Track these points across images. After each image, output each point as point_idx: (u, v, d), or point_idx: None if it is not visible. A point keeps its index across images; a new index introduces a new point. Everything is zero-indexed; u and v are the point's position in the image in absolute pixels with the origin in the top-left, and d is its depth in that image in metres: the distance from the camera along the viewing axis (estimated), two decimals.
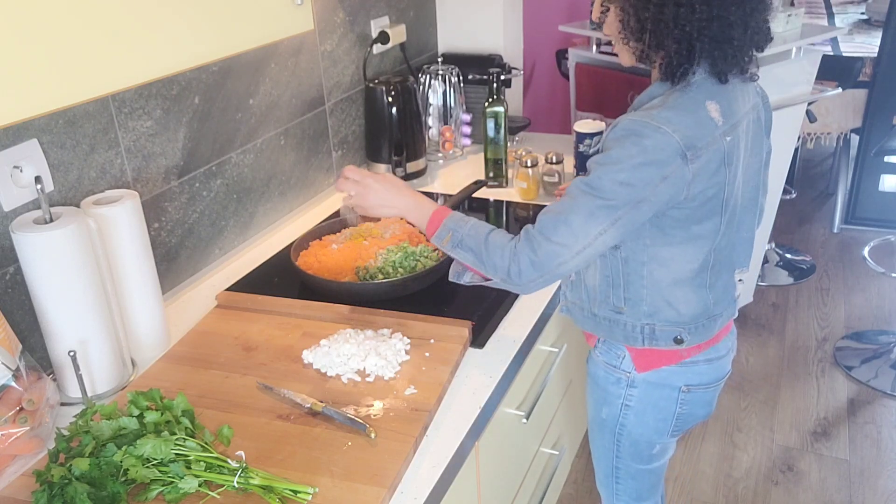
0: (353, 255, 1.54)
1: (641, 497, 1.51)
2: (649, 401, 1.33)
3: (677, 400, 1.33)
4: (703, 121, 1.11)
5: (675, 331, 1.25)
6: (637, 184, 1.09)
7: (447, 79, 2.20)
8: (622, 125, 1.12)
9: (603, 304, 1.28)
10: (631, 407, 1.35)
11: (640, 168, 1.08)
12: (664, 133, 1.08)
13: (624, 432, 1.38)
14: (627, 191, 1.09)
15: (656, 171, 1.08)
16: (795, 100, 2.58)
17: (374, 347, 1.26)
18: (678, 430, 1.38)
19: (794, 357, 2.84)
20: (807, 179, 4.37)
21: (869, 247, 3.51)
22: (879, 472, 2.28)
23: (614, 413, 1.37)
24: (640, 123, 1.10)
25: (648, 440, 1.39)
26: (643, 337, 1.27)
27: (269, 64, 1.70)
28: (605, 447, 1.45)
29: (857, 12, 4.45)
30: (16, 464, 1.05)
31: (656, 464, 1.45)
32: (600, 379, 1.37)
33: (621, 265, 1.22)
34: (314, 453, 1.06)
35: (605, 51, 2.57)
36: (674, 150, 1.08)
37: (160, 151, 1.45)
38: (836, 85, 2.97)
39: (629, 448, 1.41)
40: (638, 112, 1.13)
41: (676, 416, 1.35)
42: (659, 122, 1.09)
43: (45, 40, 0.90)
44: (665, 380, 1.31)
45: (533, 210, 1.87)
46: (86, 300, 1.15)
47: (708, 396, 1.36)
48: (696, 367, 1.31)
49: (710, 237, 1.19)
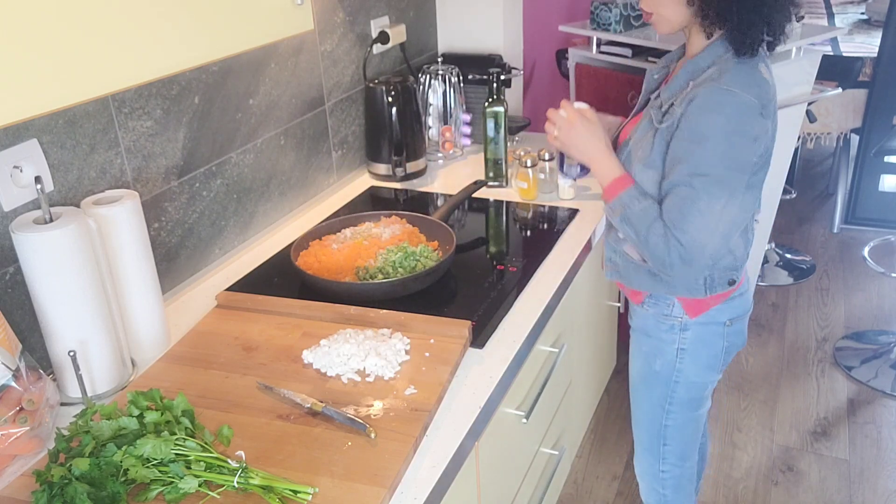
0: (353, 255, 1.54)
1: (685, 455, 1.59)
2: (701, 340, 1.45)
3: (724, 334, 1.45)
4: (762, 81, 1.23)
5: (729, 274, 1.39)
6: (735, 151, 1.20)
7: (447, 79, 2.20)
8: (699, 99, 1.22)
9: None
10: (686, 350, 1.46)
11: (732, 136, 1.20)
12: (739, 95, 1.19)
13: (681, 378, 1.48)
14: (730, 160, 1.21)
15: (747, 133, 1.20)
16: (795, 100, 2.57)
17: (374, 347, 1.26)
18: (725, 364, 1.51)
19: (793, 357, 2.84)
20: (807, 179, 4.37)
21: (869, 247, 3.51)
22: (879, 472, 2.28)
23: (670, 360, 1.48)
24: (717, 91, 1.20)
25: (703, 381, 1.50)
26: (705, 287, 1.39)
27: (269, 64, 1.70)
28: (656, 404, 1.53)
29: (857, 12, 4.45)
30: (16, 464, 1.05)
31: (703, 409, 1.55)
32: (652, 329, 1.48)
33: None
34: (314, 453, 1.06)
35: (606, 51, 2.57)
36: (754, 109, 1.19)
37: (160, 151, 1.45)
38: (836, 85, 2.97)
39: (683, 395, 1.50)
40: (707, 84, 1.22)
41: (725, 350, 1.47)
42: (731, 86, 1.19)
43: (45, 40, 0.90)
44: (713, 318, 1.43)
45: (533, 210, 1.87)
46: (86, 300, 1.15)
47: (742, 326, 1.49)
48: (734, 302, 1.44)
49: (759, 189, 1.31)
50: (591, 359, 2.21)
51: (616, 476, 2.31)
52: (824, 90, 2.71)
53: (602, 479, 2.30)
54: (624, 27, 2.45)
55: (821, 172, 4.47)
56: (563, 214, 1.82)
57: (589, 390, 2.26)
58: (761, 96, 1.21)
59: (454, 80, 2.21)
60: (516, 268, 1.58)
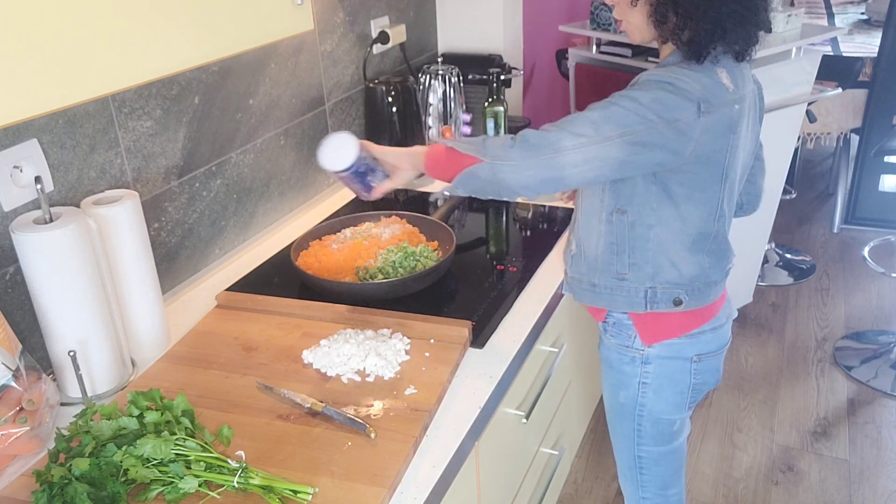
0: (353, 255, 1.54)
1: (667, 484, 1.54)
2: (665, 375, 1.38)
3: (691, 371, 1.38)
4: (717, 84, 1.18)
5: (674, 292, 1.31)
6: (654, 107, 1.14)
7: (447, 79, 2.19)
8: (643, 78, 1.19)
9: (605, 273, 1.33)
10: (648, 384, 1.39)
11: (658, 102, 1.14)
12: (684, 83, 1.15)
13: (644, 412, 1.42)
14: (644, 111, 1.14)
15: (671, 108, 1.14)
16: (795, 100, 2.58)
17: (374, 347, 1.26)
18: (693, 402, 1.44)
19: (793, 357, 2.84)
20: (807, 179, 4.37)
21: (869, 247, 3.50)
22: (879, 472, 2.28)
23: (632, 394, 1.42)
24: (661, 75, 1.17)
25: (668, 416, 1.43)
26: (646, 301, 1.32)
27: (269, 64, 1.70)
28: (626, 435, 1.48)
29: (857, 12, 4.45)
30: (16, 464, 1.05)
31: (676, 442, 1.49)
32: (615, 361, 1.42)
33: (627, 230, 1.28)
34: (314, 453, 1.06)
35: (606, 51, 2.57)
36: (691, 98, 1.14)
37: (160, 151, 1.45)
38: (836, 85, 2.97)
39: (650, 429, 1.44)
40: (656, 70, 1.20)
41: (692, 388, 1.40)
42: (679, 75, 1.16)
43: (45, 40, 0.90)
44: (677, 353, 1.36)
45: (533, 210, 1.88)
46: (86, 300, 1.15)
47: (716, 363, 1.42)
48: (703, 337, 1.37)
49: (711, 203, 1.26)
50: (591, 359, 2.21)
51: (616, 476, 2.31)
52: (824, 90, 2.71)
53: (602, 479, 2.30)
54: None
55: (821, 172, 4.47)
56: (563, 214, 1.82)
57: (589, 390, 2.26)
58: (707, 94, 1.15)
59: (454, 80, 2.21)
60: (516, 268, 1.58)
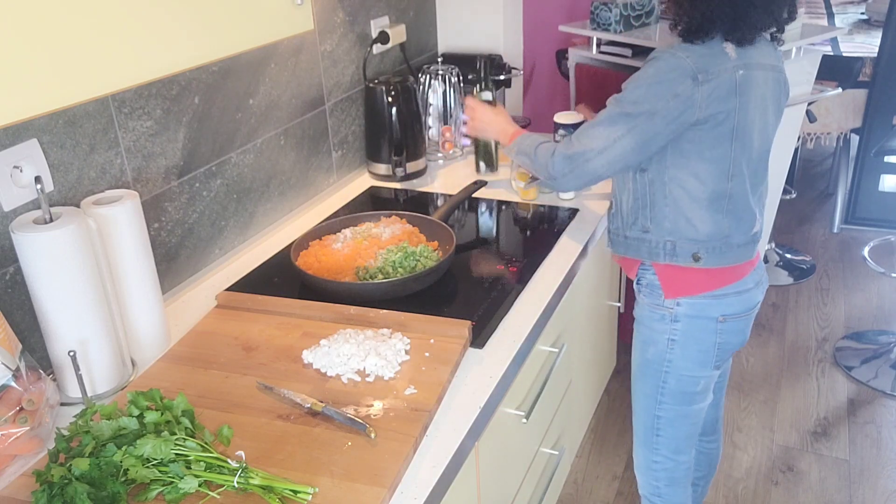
0: (353, 255, 1.54)
1: (679, 449, 1.61)
2: (691, 333, 1.49)
3: (716, 330, 1.48)
4: (717, 53, 1.32)
5: (693, 247, 1.43)
6: (651, 97, 1.32)
7: (447, 79, 2.20)
8: (648, 58, 1.37)
9: (633, 226, 1.49)
10: (676, 341, 1.50)
11: (654, 85, 1.33)
12: (679, 58, 1.31)
13: (671, 369, 1.52)
14: (643, 103, 1.33)
15: (668, 88, 1.31)
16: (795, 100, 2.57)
17: (374, 347, 1.26)
18: (720, 361, 1.54)
19: (794, 357, 2.84)
20: (807, 179, 4.37)
21: (869, 247, 3.51)
22: (879, 472, 2.28)
23: (661, 350, 1.52)
24: (660, 52, 1.35)
25: (693, 374, 1.53)
26: (664, 252, 1.45)
27: (269, 64, 1.70)
28: (649, 393, 1.57)
29: (857, 12, 4.45)
30: (16, 464, 1.05)
31: (696, 406, 1.57)
32: (646, 319, 1.54)
33: (648, 187, 1.43)
34: (314, 453, 1.06)
35: (606, 51, 2.57)
36: (685, 72, 1.30)
37: (160, 151, 1.45)
38: (836, 85, 2.97)
39: (674, 387, 1.53)
40: (665, 48, 1.37)
41: (717, 347, 1.50)
42: (676, 50, 1.33)
43: (45, 40, 0.90)
44: (703, 312, 1.47)
45: (533, 210, 1.88)
46: (86, 300, 1.15)
47: (741, 325, 1.52)
48: (728, 299, 1.47)
49: (723, 162, 1.37)
50: (591, 359, 2.21)
51: (616, 476, 2.31)
52: (824, 90, 2.71)
53: (602, 479, 2.30)
54: (624, 27, 2.45)
55: (821, 172, 4.47)
56: (563, 214, 1.82)
57: (589, 390, 2.26)
58: (703, 64, 1.30)
59: (454, 80, 2.21)
60: (516, 268, 1.58)
